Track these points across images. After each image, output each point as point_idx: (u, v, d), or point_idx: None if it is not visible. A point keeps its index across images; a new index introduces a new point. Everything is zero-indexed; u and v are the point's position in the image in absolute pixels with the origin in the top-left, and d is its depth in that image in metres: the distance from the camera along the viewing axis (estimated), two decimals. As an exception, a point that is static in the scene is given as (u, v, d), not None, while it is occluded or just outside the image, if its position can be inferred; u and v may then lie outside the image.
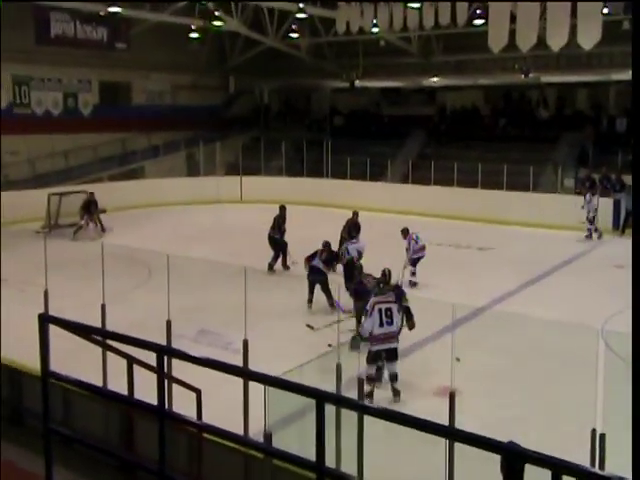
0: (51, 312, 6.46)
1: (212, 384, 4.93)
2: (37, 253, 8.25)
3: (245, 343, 5.58)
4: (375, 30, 21.97)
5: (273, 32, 25.34)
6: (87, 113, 25.50)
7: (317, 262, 11.02)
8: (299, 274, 13.10)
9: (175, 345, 6.19)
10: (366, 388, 6.41)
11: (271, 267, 13.80)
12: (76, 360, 5.72)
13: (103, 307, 6.76)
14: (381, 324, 7.28)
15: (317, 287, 10.87)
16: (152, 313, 7.08)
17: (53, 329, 4.35)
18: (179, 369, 5.19)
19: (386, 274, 8.14)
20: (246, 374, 4.31)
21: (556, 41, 17.30)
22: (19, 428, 5.77)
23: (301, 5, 21.28)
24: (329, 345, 6.94)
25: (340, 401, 3.47)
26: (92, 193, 18.15)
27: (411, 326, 7.87)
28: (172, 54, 26.49)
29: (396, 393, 7.33)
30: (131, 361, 4.40)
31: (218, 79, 29.59)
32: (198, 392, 5.21)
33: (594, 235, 17.44)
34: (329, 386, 4.93)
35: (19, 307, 8.16)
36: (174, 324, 6.67)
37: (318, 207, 21.17)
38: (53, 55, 23.23)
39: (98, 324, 6.72)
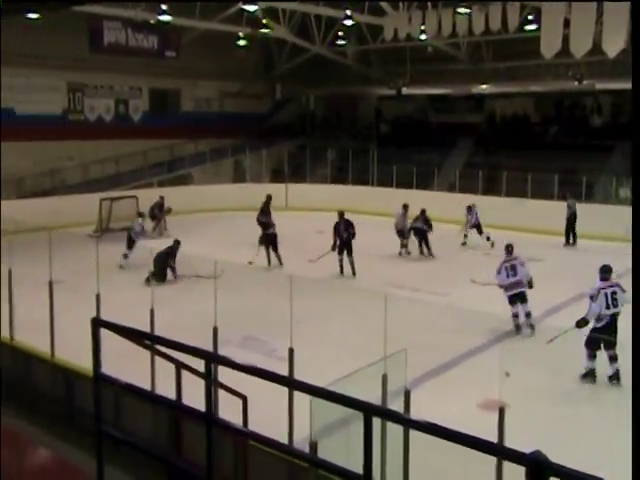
0: (102, 314, 6.61)
1: (257, 390, 4.96)
2: (89, 256, 8.44)
3: (291, 351, 5.59)
4: (423, 37, 21.84)
5: (320, 39, 25.47)
6: (137, 119, 26.08)
7: (419, 224, 16.49)
8: (344, 282, 13.13)
9: (221, 350, 6.26)
10: (514, 321, 10.15)
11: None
12: (127, 363, 5.82)
13: (152, 312, 6.87)
14: (507, 276, 10.30)
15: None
16: (199, 318, 7.15)
17: (105, 331, 4.45)
18: (224, 373, 5.25)
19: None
20: (292, 384, 4.32)
21: (612, 47, 16.85)
22: (71, 426, 5.93)
23: (348, 12, 21.34)
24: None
25: (387, 415, 3.44)
26: (162, 197, 19.61)
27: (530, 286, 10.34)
28: (220, 62, 26.91)
29: (531, 327, 10.15)
30: (179, 366, 4.47)
31: (264, 86, 29.91)
32: (244, 399, 5.24)
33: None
34: (375, 397, 4.90)
35: (72, 309, 8.37)
36: (220, 329, 6.73)
37: (363, 215, 21.14)
38: (106, 63, 23.86)
39: (146, 327, 6.83)
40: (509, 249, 10.80)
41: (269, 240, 15.52)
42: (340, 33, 24.87)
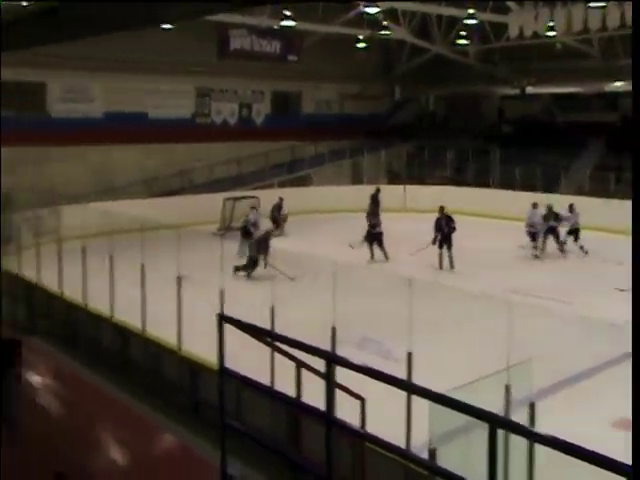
0: (225, 310, 6.85)
1: (373, 391, 4.93)
2: (213, 253, 8.78)
3: (409, 355, 5.52)
4: (551, 33, 20.91)
5: (441, 39, 25.07)
6: (259, 122, 26.88)
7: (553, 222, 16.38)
8: (460, 287, 12.76)
9: (338, 351, 6.30)
10: None
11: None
12: (247, 358, 6.00)
13: (272, 310, 7.03)
14: None
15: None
16: (316, 317, 7.24)
17: (228, 325, 4.59)
18: (341, 373, 5.28)
19: None
20: (412, 389, 4.25)
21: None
22: (196, 417, 6.18)
23: (471, 11, 20.85)
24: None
25: (513, 427, 3.29)
26: (282, 198, 20.04)
27: None
28: (340, 64, 27.20)
29: None
30: (299, 365, 4.53)
31: (384, 87, 29.87)
32: (362, 400, 5.23)
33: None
34: (496, 407, 4.72)
35: (197, 303, 8.75)
36: (337, 330, 6.77)
37: (484, 218, 20.60)
38: (231, 68, 24.83)
39: (265, 324, 7.01)
40: None
41: (374, 237, 16.16)
42: (462, 32, 24.33)
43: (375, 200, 19.10)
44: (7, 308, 12.09)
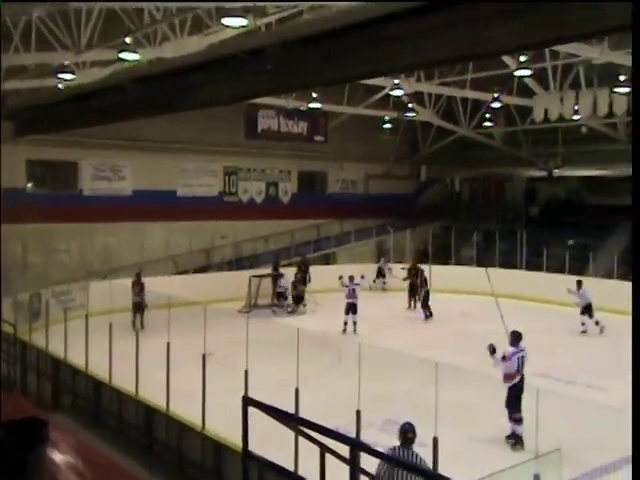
0: (250, 389, 6.79)
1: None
2: (238, 331, 8.76)
3: (435, 441, 5.37)
4: (576, 117, 21.21)
5: (466, 121, 25.60)
6: (286, 201, 27.35)
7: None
8: (486, 371, 12.49)
9: (363, 433, 6.16)
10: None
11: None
12: (272, 440, 5.89)
13: (297, 391, 6.94)
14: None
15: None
16: (340, 398, 7.13)
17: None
18: (367, 458, 5.14)
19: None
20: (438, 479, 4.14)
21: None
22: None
23: (496, 95, 21.34)
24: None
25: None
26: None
27: None
28: (366, 145, 27.84)
29: None
30: (324, 450, 4.44)
31: (410, 168, 30.35)
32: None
33: None
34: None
35: (221, 382, 8.68)
36: (362, 412, 6.65)
37: (509, 299, 20.30)
38: (259, 148, 25.54)
39: (289, 404, 6.91)
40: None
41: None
42: (487, 115, 24.84)
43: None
44: (33, 383, 12.14)
